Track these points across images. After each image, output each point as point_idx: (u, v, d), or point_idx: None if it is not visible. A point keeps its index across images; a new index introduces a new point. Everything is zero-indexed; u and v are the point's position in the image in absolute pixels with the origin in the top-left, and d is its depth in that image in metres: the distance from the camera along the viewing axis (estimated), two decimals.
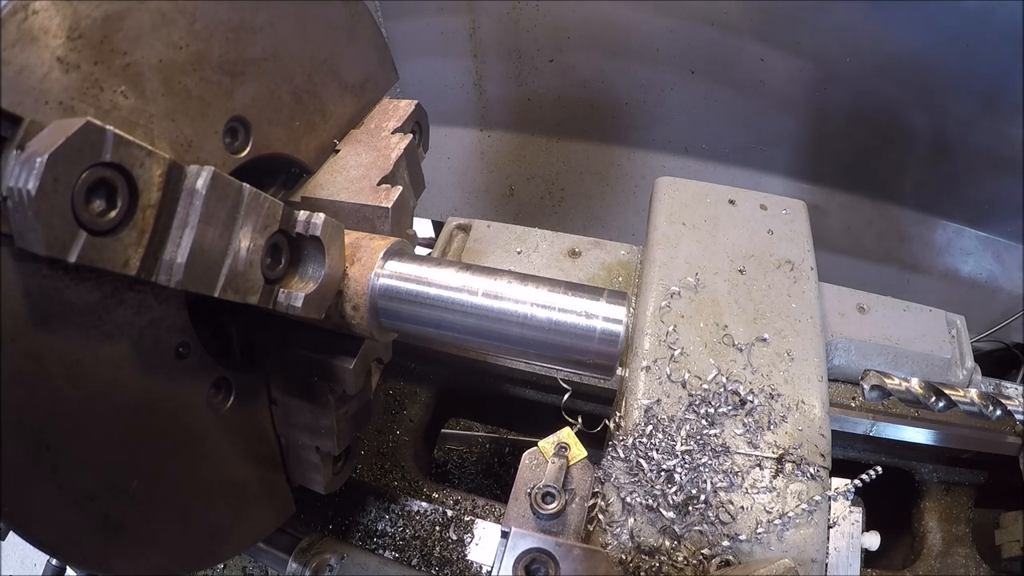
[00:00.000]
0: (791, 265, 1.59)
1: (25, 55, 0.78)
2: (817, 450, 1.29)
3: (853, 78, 2.44)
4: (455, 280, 1.04)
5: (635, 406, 1.34)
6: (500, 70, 2.97)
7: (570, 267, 1.92)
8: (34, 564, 3.04)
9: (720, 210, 1.71)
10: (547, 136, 3.18)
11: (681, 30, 2.56)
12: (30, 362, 0.82)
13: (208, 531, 1.20)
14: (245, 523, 1.28)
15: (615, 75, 2.83)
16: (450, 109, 3.16)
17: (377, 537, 1.56)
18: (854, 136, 2.64)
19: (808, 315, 1.50)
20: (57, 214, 0.73)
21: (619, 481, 1.27)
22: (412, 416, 1.94)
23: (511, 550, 1.02)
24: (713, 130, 2.88)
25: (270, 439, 1.32)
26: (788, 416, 1.34)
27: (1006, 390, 1.94)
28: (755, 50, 2.50)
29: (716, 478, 1.25)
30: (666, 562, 1.18)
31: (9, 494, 0.83)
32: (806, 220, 1.71)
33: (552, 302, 0.96)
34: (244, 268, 0.94)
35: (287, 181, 1.33)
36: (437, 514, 1.57)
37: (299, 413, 1.29)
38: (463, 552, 1.47)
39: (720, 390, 1.36)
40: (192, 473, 1.13)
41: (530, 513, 1.12)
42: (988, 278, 2.77)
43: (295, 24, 1.20)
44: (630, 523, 1.22)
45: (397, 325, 1.15)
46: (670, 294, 1.51)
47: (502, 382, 2.01)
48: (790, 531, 1.20)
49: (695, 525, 1.21)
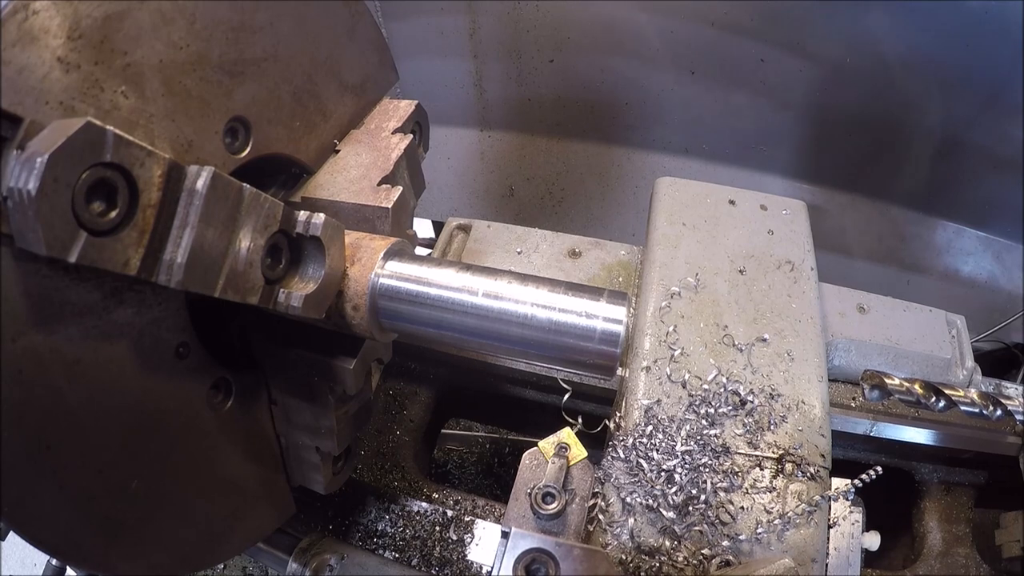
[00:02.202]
0: (791, 265, 1.59)
1: (25, 55, 0.78)
2: (817, 450, 1.30)
3: (853, 78, 2.44)
4: (455, 280, 1.04)
5: (635, 406, 1.34)
6: (500, 70, 2.97)
7: (570, 267, 1.92)
8: (34, 564, 3.04)
9: (720, 210, 1.71)
10: (547, 136, 3.18)
11: (681, 30, 2.56)
12: (30, 362, 0.82)
13: (208, 531, 1.20)
14: (245, 523, 1.28)
15: (615, 75, 2.83)
16: (450, 109, 3.16)
17: (377, 537, 1.56)
18: (854, 136, 2.64)
19: (808, 315, 1.50)
20: (57, 214, 0.73)
21: (619, 481, 1.27)
22: (412, 416, 1.94)
23: (511, 550, 1.02)
24: (713, 130, 2.88)
25: (270, 439, 1.32)
26: (788, 416, 1.34)
27: (1006, 390, 1.94)
28: (755, 50, 2.50)
29: (716, 478, 1.26)
30: (666, 562, 1.18)
31: (9, 494, 0.83)
32: (806, 220, 1.71)
33: (552, 302, 0.96)
34: (244, 268, 0.94)
35: (287, 181, 1.33)
36: (437, 514, 1.57)
37: (299, 413, 1.29)
38: (463, 552, 1.47)
39: (720, 390, 1.36)
40: (192, 473, 1.13)
41: (530, 513, 1.12)
42: (988, 278, 2.77)
43: (295, 24, 1.20)
44: (630, 523, 1.22)
45: (397, 325, 1.15)
46: (670, 294, 1.51)
47: (502, 382, 2.01)
48: (790, 531, 1.20)
49: (695, 525, 1.21)
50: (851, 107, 2.56)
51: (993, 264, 2.75)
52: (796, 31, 2.42)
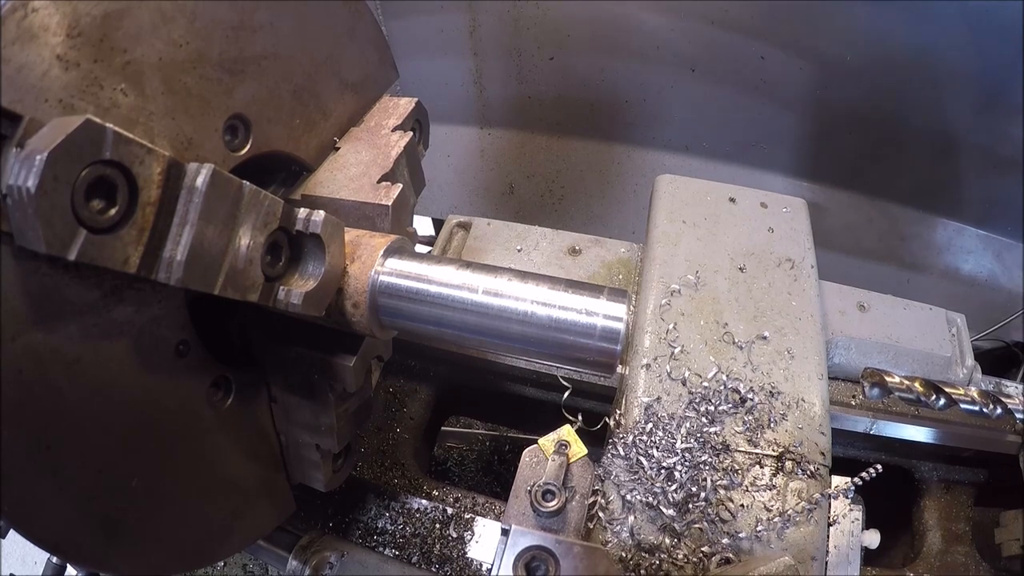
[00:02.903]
0: (791, 263, 1.59)
1: (25, 53, 0.77)
2: (817, 448, 1.30)
3: (854, 77, 2.44)
4: (455, 278, 1.04)
5: (635, 404, 1.34)
6: (500, 68, 2.96)
7: (570, 265, 1.92)
8: (35, 562, 3.04)
9: (720, 208, 1.71)
10: (547, 134, 3.18)
11: (682, 28, 2.55)
12: (30, 361, 0.82)
13: (208, 529, 1.20)
14: (245, 521, 1.28)
15: (615, 73, 2.83)
16: (450, 107, 3.16)
17: (377, 535, 1.56)
18: (854, 134, 2.64)
19: (808, 313, 1.50)
20: (57, 212, 0.73)
21: (619, 479, 1.27)
22: (412, 414, 1.94)
23: (511, 547, 1.02)
24: (713, 128, 2.88)
25: (270, 437, 1.32)
26: (788, 414, 1.34)
27: (1006, 388, 1.94)
28: (755, 48, 2.50)
29: (716, 476, 1.25)
30: (666, 560, 1.18)
31: (9, 493, 0.83)
32: (806, 218, 1.71)
33: (552, 300, 0.95)
34: (244, 266, 0.94)
35: (287, 179, 1.33)
36: (437, 512, 1.57)
37: (299, 411, 1.29)
38: (463, 550, 1.47)
39: (720, 388, 1.36)
40: (192, 471, 1.13)
41: (530, 511, 1.12)
42: (988, 276, 2.76)
43: (295, 22, 1.20)
44: (630, 521, 1.22)
45: (397, 323, 1.15)
46: (670, 292, 1.51)
47: (502, 380, 2.01)
48: (790, 529, 1.20)
49: (695, 523, 1.21)
50: (851, 105, 2.55)
51: (993, 263, 2.74)
52: (797, 29, 2.42)
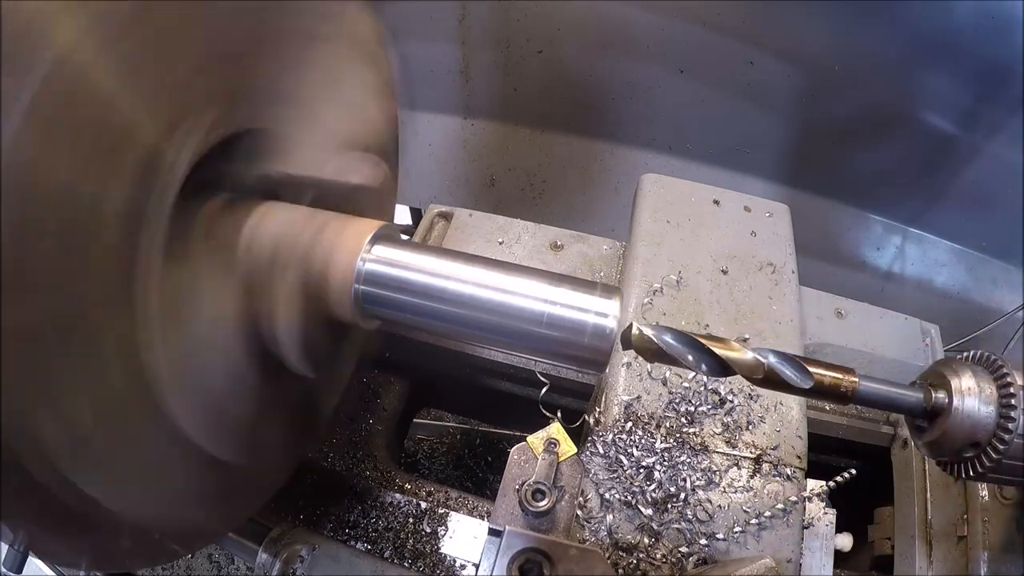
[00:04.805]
0: (773, 268, 1.60)
1: None
2: (794, 451, 1.31)
3: (841, 85, 2.46)
4: (444, 268, 1.01)
5: (615, 402, 1.34)
6: (488, 59, 2.93)
7: (552, 260, 1.90)
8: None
9: (704, 210, 1.72)
10: (531, 128, 3.16)
11: (672, 29, 2.55)
12: None
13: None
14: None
15: (603, 70, 2.82)
16: (434, 95, 3.12)
17: (349, 528, 1.52)
18: (837, 143, 2.67)
19: (788, 318, 1.51)
20: None
21: (598, 477, 1.26)
22: (386, 405, 1.91)
23: (505, 549, 1.00)
24: (698, 130, 2.89)
25: None
26: (766, 417, 1.35)
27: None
28: (745, 53, 2.51)
29: (695, 476, 1.26)
30: (644, 559, 1.18)
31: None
32: (789, 224, 1.72)
33: (545, 294, 0.94)
34: None
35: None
36: (411, 506, 1.54)
37: None
38: (436, 545, 1.45)
39: (700, 388, 1.37)
40: None
41: (519, 510, 1.10)
42: (960, 290, 2.83)
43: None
44: (608, 519, 1.22)
45: (381, 312, 1.12)
46: (653, 291, 1.51)
47: (479, 373, 1.98)
48: (767, 531, 1.20)
49: (673, 523, 1.21)
50: (837, 114, 2.59)
51: (966, 276, 2.81)
52: (787, 36, 2.44)
